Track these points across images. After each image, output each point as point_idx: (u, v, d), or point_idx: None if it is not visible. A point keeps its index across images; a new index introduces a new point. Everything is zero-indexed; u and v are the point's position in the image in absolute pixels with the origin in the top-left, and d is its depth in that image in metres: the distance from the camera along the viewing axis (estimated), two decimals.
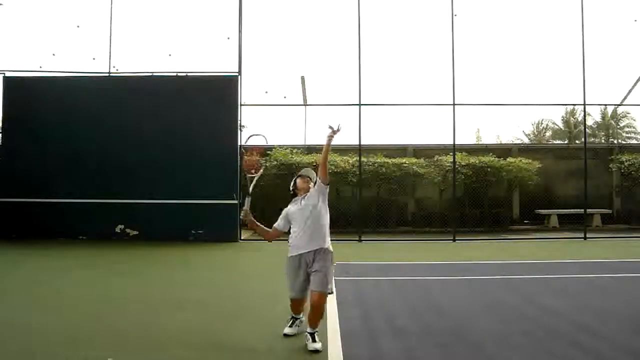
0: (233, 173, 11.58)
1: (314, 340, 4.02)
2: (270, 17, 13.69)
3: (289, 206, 4.45)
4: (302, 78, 15.71)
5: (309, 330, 4.09)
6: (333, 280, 4.36)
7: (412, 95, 18.13)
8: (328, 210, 4.37)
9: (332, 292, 4.25)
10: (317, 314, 4.08)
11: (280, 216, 4.50)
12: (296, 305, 4.39)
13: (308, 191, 4.35)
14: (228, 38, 11.97)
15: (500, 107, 15.20)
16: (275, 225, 4.50)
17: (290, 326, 4.42)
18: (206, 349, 4.06)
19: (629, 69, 17.22)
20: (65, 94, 11.75)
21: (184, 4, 12.81)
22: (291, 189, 4.49)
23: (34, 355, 3.89)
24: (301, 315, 4.45)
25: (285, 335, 4.35)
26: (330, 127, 4.21)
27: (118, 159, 11.48)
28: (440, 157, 14.18)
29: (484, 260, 9.07)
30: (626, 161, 15.10)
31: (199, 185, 11.36)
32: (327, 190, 4.29)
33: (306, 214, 4.25)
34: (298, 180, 4.43)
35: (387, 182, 14.12)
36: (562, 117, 30.72)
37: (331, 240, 4.33)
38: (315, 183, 4.40)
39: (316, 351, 3.96)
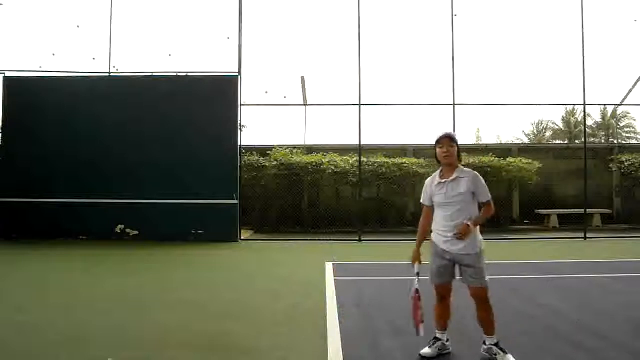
0: (233, 173, 11.58)
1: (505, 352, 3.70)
2: (270, 17, 13.77)
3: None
4: (302, 78, 15.75)
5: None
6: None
7: (412, 95, 18.21)
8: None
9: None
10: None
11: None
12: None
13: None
14: (228, 38, 12.01)
15: (500, 107, 15.27)
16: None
17: (430, 346, 3.91)
18: (206, 349, 4.06)
19: (629, 69, 17.29)
20: (65, 94, 11.77)
21: (184, 4, 12.85)
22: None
23: (34, 355, 3.89)
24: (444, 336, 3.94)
25: (423, 356, 3.84)
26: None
27: (118, 159, 11.50)
28: None
29: None
30: (626, 161, 15.13)
31: (199, 185, 11.37)
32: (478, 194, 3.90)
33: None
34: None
35: (387, 182, 14.13)
36: (562, 117, 30.83)
37: (331, 240, 4.29)
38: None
39: None
